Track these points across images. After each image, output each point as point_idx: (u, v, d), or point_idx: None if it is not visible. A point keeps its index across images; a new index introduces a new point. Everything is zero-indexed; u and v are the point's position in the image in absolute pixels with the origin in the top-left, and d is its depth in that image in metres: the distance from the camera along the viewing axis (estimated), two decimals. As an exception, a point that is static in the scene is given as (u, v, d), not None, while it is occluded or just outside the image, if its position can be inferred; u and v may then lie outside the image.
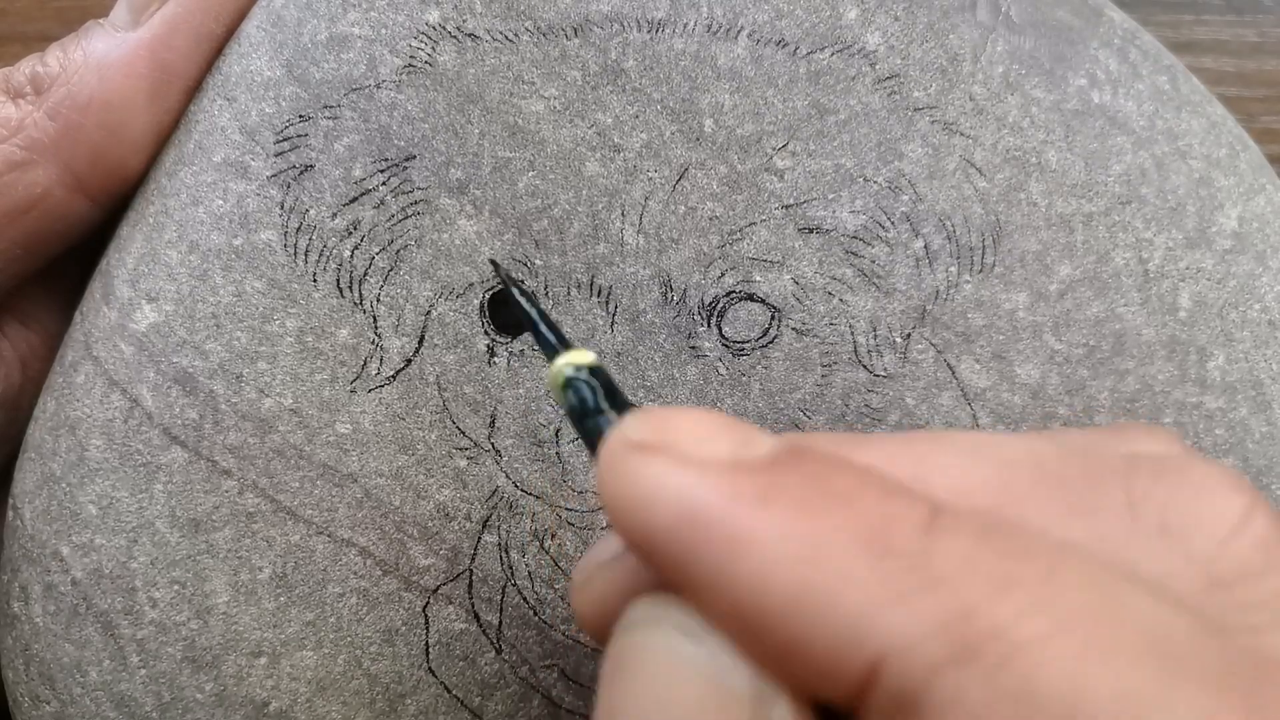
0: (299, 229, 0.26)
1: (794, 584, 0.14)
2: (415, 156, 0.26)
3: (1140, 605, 0.14)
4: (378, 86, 0.26)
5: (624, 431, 0.16)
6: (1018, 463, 0.17)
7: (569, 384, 0.19)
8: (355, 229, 0.26)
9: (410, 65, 0.26)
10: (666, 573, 0.15)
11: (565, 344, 0.20)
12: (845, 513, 0.15)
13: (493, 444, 0.26)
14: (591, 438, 0.18)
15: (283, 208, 0.26)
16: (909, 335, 0.26)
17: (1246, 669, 0.14)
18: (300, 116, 0.26)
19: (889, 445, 0.17)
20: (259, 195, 0.26)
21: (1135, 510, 0.16)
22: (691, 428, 0.16)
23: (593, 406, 0.18)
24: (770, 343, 0.26)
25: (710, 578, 0.15)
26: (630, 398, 0.26)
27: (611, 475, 0.16)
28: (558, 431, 0.26)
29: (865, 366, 0.26)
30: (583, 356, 0.19)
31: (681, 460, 0.15)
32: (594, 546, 0.19)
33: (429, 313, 0.26)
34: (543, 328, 0.21)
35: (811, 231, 0.26)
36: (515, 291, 0.22)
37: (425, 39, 0.26)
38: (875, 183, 0.26)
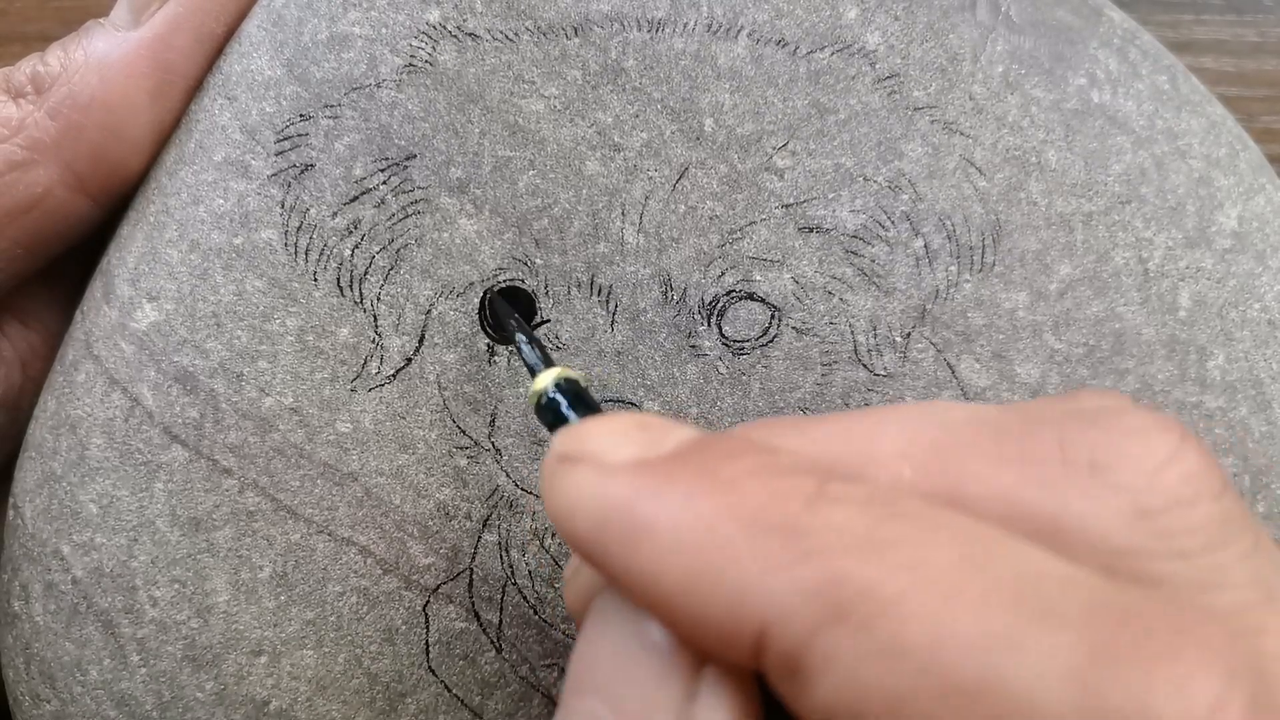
0: (299, 228, 0.26)
1: (684, 567, 0.15)
2: (416, 156, 0.26)
3: (1012, 556, 0.15)
4: (378, 86, 0.26)
5: (554, 446, 0.18)
6: (960, 422, 0.18)
7: (540, 405, 0.21)
8: (356, 228, 0.26)
9: (411, 64, 0.26)
10: (599, 571, 0.17)
11: (547, 362, 0.22)
12: (730, 496, 0.16)
13: (493, 443, 0.26)
14: None
15: (283, 207, 0.26)
16: (909, 334, 0.26)
17: (1116, 608, 0.14)
18: (301, 116, 0.26)
19: (841, 420, 0.18)
20: (259, 194, 0.26)
21: (1066, 453, 0.17)
22: (604, 434, 0.17)
23: (562, 422, 0.20)
24: (770, 342, 0.26)
25: (620, 570, 0.16)
26: (631, 397, 0.26)
27: (546, 488, 0.17)
28: (558, 430, 0.26)
29: (865, 365, 0.26)
30: (551, 375, 0.21)
31: (593, 467, 0.17)
32: None
33: (429, 312, 0.26)
34: (525, 350, 0.23)
35: (811, 231, 0.26)
36: (502, 314, 0.25)
37: (426, 38, 0.26)
38: (875, 182, 0.26)
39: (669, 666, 0.16)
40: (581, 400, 0.21)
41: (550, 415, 0.21)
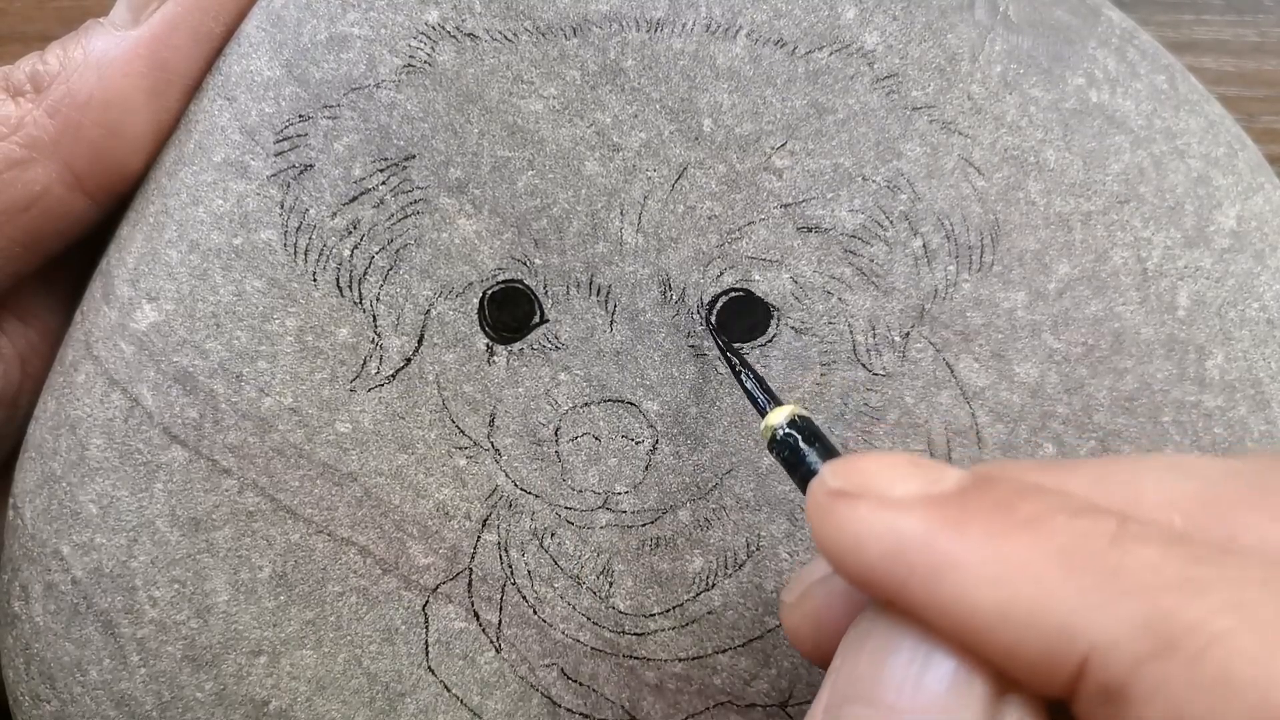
0: (299, 228, 0.26)
1: (999, 599, 0.16)
2: (415, 156, 0.26)
3: None
4: (377, 86, 0.26)
5: (824, 481, 0.18)
6: (1221, 476, 0.18)
7: (775, 440, 0.21)
8: (355, 228, 0.26)
9: (410, 65, 0.26)
10: (882, 598, 0.18)
11: (775, 400, 0.23)
12: (1036, 533, 0.17)
13: (492, 443, 0.26)
14: (804, 484, 0.21)
15: (282, 207, 0.26)
16: (908, 334, 0.26)
17: None
18: (300, 116, 0.26)
19: (1093, 469, 0.19)
20: (259, 195, 0.26)
21: None
22: (883, 471, 0.18)
23: (799, 458, 0.21)
24: (769, 341, 0.26)
25: (923, 600, 0.17)
26: (630, 397, 0.26)
27: (820, 521, 0.18)
28: (557, 430, 0.26)
29: (864, 365, 0.26)
30: (784, 413, 0.22)
31: (880, 501, 0.18)
32: (804, 569, 0.22)
33: (428, 312, 0.26)
34: (749, 385, 0.24)
35: (810, 230, 0.26)
36: (721, 350, 0.25)
37: (425, 39, 0.26)
38: (874, 182, 0.26)
39: (965, 689, 0.17)
40: (816, 437, 0.21)
41: (786, 451, 0.21)
